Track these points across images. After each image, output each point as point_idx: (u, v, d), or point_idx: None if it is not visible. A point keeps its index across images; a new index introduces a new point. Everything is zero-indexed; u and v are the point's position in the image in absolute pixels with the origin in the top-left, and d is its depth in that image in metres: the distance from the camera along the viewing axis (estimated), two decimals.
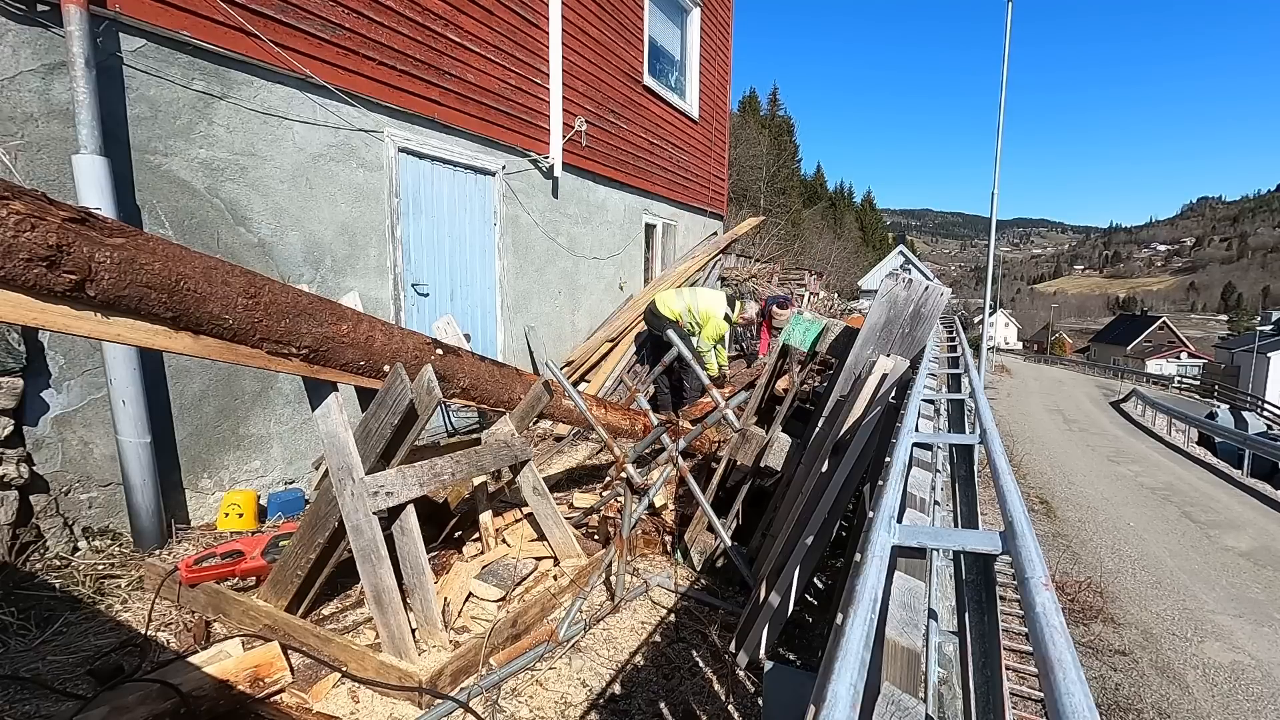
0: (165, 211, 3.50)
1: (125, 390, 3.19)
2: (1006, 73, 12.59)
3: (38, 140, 3.02)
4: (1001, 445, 1.70)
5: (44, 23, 3.00)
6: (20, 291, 1.62)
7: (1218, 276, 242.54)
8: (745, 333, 8.47)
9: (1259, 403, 29.41)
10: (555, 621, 2.96)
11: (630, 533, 3.41)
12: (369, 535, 2.47)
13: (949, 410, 3.57)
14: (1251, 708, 5.23)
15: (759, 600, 2.83)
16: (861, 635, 0.81)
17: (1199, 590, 7.42)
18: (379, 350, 2.60)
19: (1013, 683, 4.49)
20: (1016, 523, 1.09)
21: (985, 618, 1.47)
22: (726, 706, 2.53)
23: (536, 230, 6.61)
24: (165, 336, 1.96)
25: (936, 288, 3.37)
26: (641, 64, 8.24)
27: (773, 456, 3.81)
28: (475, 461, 3.03)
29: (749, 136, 35.44)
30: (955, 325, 10.62)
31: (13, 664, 2.37)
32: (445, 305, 5.51)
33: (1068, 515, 9.90)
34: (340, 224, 4.48)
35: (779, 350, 4.31)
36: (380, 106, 4.69)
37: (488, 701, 2.40)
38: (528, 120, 6.23)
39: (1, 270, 1.55)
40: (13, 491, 2.93)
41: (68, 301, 1.72)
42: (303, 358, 2.34)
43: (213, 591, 2.80)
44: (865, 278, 34.73)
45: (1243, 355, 38.50)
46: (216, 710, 2.16)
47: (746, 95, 47.13)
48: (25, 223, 1.56)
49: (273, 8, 3.89)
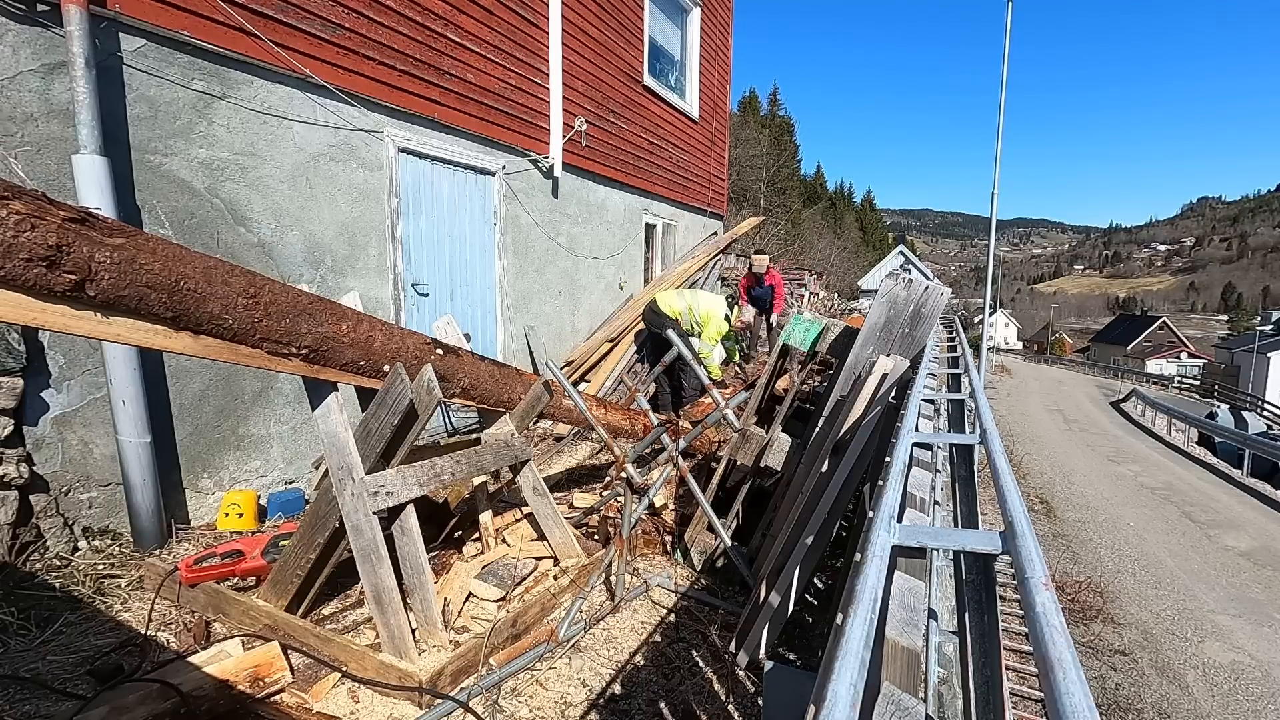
0: (165, 211, 3.50)
1: (125, 390, 3.19)
2: (1006, 73, 12.59)
3: (38, 140, 3.02)
4: (1001, 445, 1.70)
5: (44, 23, 3.00)
6: (20, 291, 1.62)
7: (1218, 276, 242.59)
8: (743, 334, 8.48)
9: (1259, 403, 29.41)
10: (555, 621, 2.96)
11: (630, 533, 3.41)
12: (369, 535, 2.47)
13: (949, 410, 3.58)
14: (1251, 708, 5.23)
15: (759, 600, 2.83)
16: (861, 635, 0.81)
17: (1199, 590, 7.42)
18: (379, 350, 2.60)
19: (1013, 683, 4.49)
20: (1016, 522, 1.09)
21: (985, 617, 1.47)
22: (727, 706, 2.53)
23: (536, 230, 6.61)
24: (165, 336, 1.96)
25: (936, 288, 3.38)
26: (641, 64, 8.24)
27: (773, 456, 3.81)
28: (475, 461, 3.03)
29: (749, 136, 35.44)
30: (955, 325, 10.63)
31: (13, 664, 2.37)
32: (445, 305, 5.51)
33: (1068, 515, 9.90)
34: (340, 224, 4.48)
35: (779, 350, 4.31)
36: (380, 106, 4.69)
37: (488, 701, 2.40)
38: (528, 120, 6.23)
39: (1, 270, 1.55)
40: (13, 491, 2.93)
41: (68, 301, 1.72)
42: (303, 357, 2.34)
43: (213, 591, 2.80)
44: (865, 278, 34.71)
45: (1243, 355, 38.51)
46: (216, 710, 2.16)
47: (746, 95, 47.14)
48: (25, 223, 1.56)
49: (273, 8, 3.89)
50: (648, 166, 8.59)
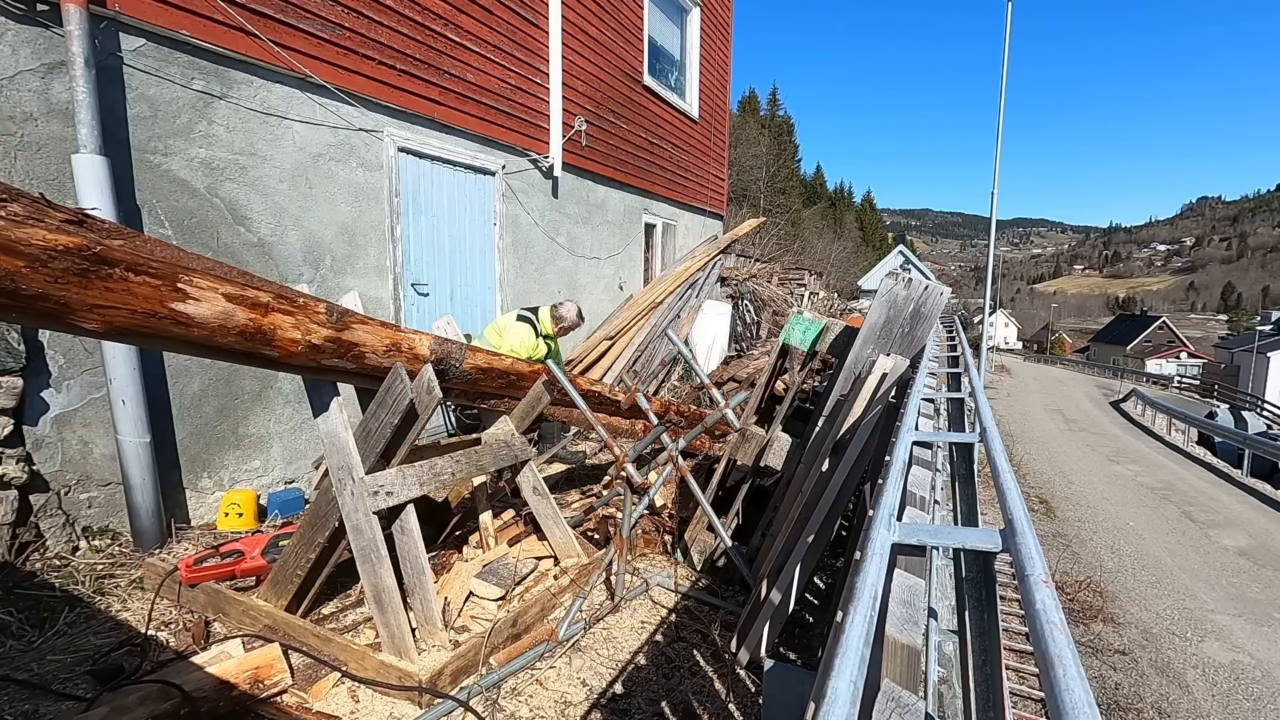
0: (165, 211, 3.50)
1: (125, 390, 3.19)
2: (1006, 73, 12.59)
3: (37, 140, 3.02)
4: (1001, 444, 1.70)
5: (44, 22, 3.00)
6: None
7: (1217, 276, 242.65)
8: (745, 332, 8.47)
9: (1259, 402, 29.42)
10: (555, 621, 2.96)
11: (630, 532, 3.41)
12: (369, 535, 2.47)
13: (949, 409, 3.58)
14: (1251, 707, 5.23)
15: (759, 599, 2.83)
16: (861, 632, 0.81)
17: (1199, 589, 7.42)
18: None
19: (1012, 682, 4.49)
20: (1016, 520, 1.09)
21: (985, 616, 1.47)
22: (727, 705, 2.53)
23: (536, 230, 6.61)
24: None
25: (936, 287, 3.38)
26: (641, 64, 8.24)
27: (773, 456, 3.81)
28: (475, 461, 3.03)
29: (749, 136, 35.45)
30: (955, 325, 10.63)
31: (12, 664, 2.36)
32: (445, 305, 5.51)
33: (1067, 515, 9.90)
34: (340, 224, 4.48)
35: (779, 350, 4.31)
36: (380, 106, 4.69)
37: (488, 701, 2.40)
38: (527, 120, 6.23)
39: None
40: (12, 491, 2.93)
41: None
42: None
43: (213, 591, 2.80)
44: (865, 277, 34.72)
45: (1242, 355, 38.54)
46: (217, 711, 2.16)
47: (746, 95, 47.13)
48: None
49: (272, 7, 3.89)
50: (647, 166, 8.59)
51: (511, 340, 4.51)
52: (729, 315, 8.98)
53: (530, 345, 4.56)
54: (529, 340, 4.57)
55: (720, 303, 9.28)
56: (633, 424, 4.36)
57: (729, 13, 10.76)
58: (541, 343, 4.71)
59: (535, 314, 4.75)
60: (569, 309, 4.83)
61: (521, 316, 4.67)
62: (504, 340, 4.54)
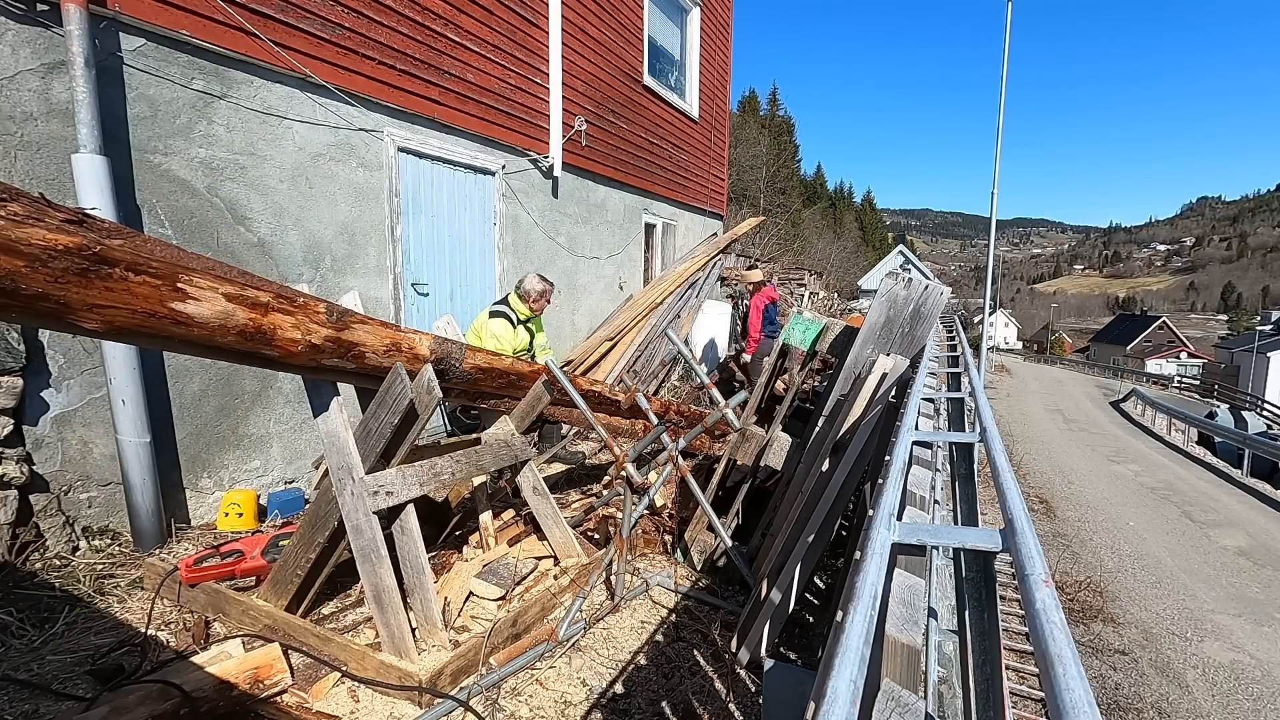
0: (165, 211, 3.49)
1: (125, 389, 3.19)
2: (1006, 73, 12.59)
3: (37, 140, 3.02)
4: (1001, 444, 1.70)
5: (44, 22, 3.00)
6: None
7: (1217, 276, 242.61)
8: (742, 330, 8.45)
9: (1259, 402, 29.42)
10: (555, 621, 2.96)
11: (630, 532, 3.41)
12: (369, 535, 2.47)
13: (949, 409, 3.58)
14: (1251, 707, 5.22)
15: (759, 598, 2.83)
16: (861, 632, 0.81)
17: (1199, 589, 7.41)
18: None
19: (1012, 682, 4.49)
20: (1016, 520, 1.09)
21: (985, 615, 1.47)
22: (727, 705, 2.53)
23: (536, 230, 6.61)
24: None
25: (936, 287, 3.38)
26: (641, 64, 8.24)
27: (773, 456, 3.81)
28: (475, 461, 3.03)
29: (749, 136, 35.43)
30: (955, 324, 10.63)
31: (12, 664, 2.36)
32: (445, 305, 5.51)
33: (1067, 515, 9.89)
34: (340, 223, 4.48)
35: (779, 350, 4.31)
36: (380, 106, 4.69)
37: (488, 701, 2.40)
38: (527, 120, 6.23)
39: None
40: (12, 491, 2.93)
41: None
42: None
43: (213, 591, 2.80)
44: (865, 277, 34.70)
45: (1242, 355, 38.54)
46: (217, 711, 2.16)
47: (746, 95, 47.08)
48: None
49: (272, 7, 3.89)
50: (647, 166, 8.59)
51: (490, 341, 4.49)
52: (729, 315, 8.99)
53: (510, 337, 4.54)
54: (506, 334, 4.54)
55: (720, 303, 9.29)
56: (633, 424, 4.36)
57: (729, 13, 10.76)
58: (521, 329, 4.65)
59: (506, 303, 4.69)
60: (530, 280, 4.66)
61: (494, 312, 4.61)
62: (484, 342, 4.51)
